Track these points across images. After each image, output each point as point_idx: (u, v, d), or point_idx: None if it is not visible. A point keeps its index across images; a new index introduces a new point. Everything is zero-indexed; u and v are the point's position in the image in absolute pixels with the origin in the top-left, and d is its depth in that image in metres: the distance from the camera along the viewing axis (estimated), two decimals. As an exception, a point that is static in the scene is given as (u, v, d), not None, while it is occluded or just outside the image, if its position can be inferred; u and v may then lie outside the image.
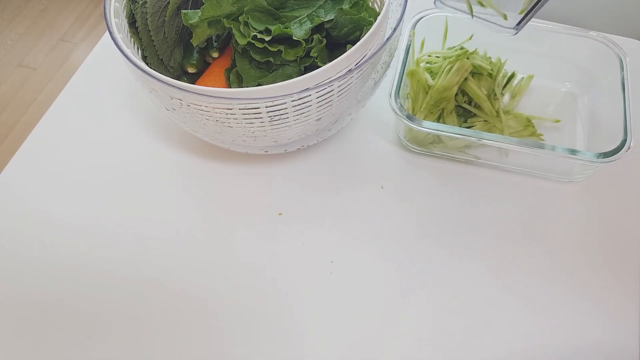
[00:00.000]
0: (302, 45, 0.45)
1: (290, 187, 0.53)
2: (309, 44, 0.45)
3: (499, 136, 0.48)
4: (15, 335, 0.45)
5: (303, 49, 0.45)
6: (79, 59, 1.62)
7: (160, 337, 0.45)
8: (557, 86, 0.58)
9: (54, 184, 0.53)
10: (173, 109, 0.44)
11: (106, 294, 0.47)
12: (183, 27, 0.50)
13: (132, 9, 0.47)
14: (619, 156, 0.45)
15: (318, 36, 0.46)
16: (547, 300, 0.46)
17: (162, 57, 0.49)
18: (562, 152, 0.46)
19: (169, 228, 0.50)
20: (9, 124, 1.50)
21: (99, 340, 0.44)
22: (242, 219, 0.51)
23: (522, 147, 0.47)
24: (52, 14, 1.77)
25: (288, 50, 0.45)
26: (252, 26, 0.44)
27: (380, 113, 0.57)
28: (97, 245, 0.49)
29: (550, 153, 0.46)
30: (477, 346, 0.44)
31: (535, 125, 0.54)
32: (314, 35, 0.46)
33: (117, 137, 0.57)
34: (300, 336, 0.44)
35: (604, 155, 0.45)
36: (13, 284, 0.48)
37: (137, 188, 0.53)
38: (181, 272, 0.48)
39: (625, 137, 0.46)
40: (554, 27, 0.55)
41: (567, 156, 0.46)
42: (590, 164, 0.47)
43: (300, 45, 0.45)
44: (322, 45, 0.46)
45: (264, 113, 0.41)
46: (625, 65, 0.51)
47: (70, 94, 0.60)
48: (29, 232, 0.50)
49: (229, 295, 0.46)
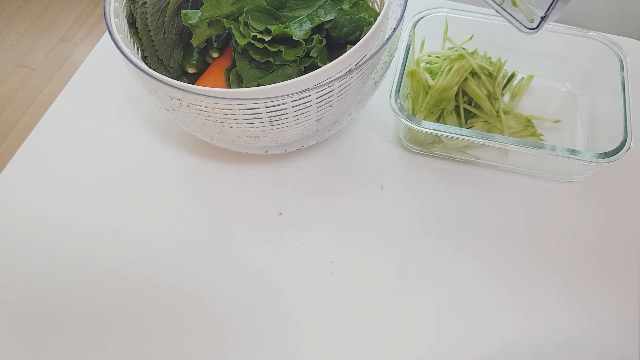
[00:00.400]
0: (302, 45, 0.45)
1: (290, 187, 0.53)
2: (309, 44, 0.45)
3: (499, 136, 0.48)
4: (15, 335, 0.45)
5: (303, 49, 0.45)
6: (79, 59, 1.62)
7: (160, 336, 0.44)
8: (557, 86, 0.58)
9: (54, 184, 0.53)
10: (173, 109, 0.44)
11: (106, 293, 0.47)
12: (183, 27, 0.50)
13: (132, 9, 0.47)
14: (619, 156, 0.45)
15: (318, 36, 0.46)
16: (547, 299, 0.46)
17: (162, 57, 0.49)
18: (562, 152, 0.46)
19: (168, 228, 0.50)
20: (9, 124, 1.50)
21: (99, 339, 0.44)
22: (242, 219, 0.51)
23: (522, 147, 0.47)
24: (52, 14, 1.77)
25: (288, 50, 0.45)
26: (252, 26, 0.44)
27: (380, 113, 0.57)
28: (97, 245, 0.49)
29: (550, 153, 0.46)
30: (477, 345, 0.44)
31: (535, 125, 0.54)
32: (314, 36, 0.46)
33: (117, 137, 0.57)
34: (301, 336, 0.44)
35: (604, 155, 0.45)
36: (12, 284, 0.47)
37: (136, 188, 0.53)
38: (180, 272, 0.48)
39: (625, 137, 0.46)
40: (554, 27, 0.55)
41: (567, 156, 0.46)
42: (590, 164, 0.47)
43: (300, 45, 0.45)
44: (322, 45, 0.46)
45: (264, 113, 0.41)
46: (625, 65, 0.51)
47: (70, 94, 0.60)
48: (29, 232, 0.50)
49: (228, 294, 0.46)
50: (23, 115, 1.52)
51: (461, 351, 0.43)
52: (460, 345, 0.44)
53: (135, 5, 0.47)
